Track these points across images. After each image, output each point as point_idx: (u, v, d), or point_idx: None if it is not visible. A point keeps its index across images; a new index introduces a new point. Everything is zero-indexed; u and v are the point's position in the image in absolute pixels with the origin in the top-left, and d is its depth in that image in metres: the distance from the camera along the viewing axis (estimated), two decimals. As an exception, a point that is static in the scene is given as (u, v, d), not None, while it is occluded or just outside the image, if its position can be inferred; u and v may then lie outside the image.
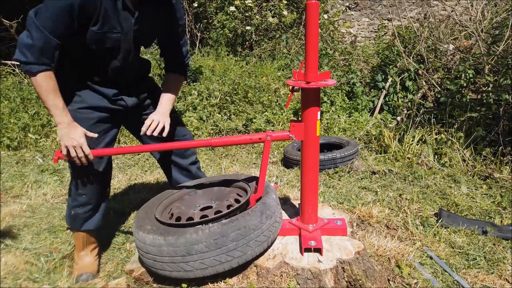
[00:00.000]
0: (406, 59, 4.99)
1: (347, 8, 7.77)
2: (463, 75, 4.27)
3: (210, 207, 1.97)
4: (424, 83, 4.87)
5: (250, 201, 1.74)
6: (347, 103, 4.97)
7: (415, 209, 2.62)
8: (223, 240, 1.55)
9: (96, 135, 1.80)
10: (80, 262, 2.02)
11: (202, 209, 1.96)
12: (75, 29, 1.61)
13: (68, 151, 1.72)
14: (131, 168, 3.63)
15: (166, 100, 1.95)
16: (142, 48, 1.99)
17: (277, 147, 4.18)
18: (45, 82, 1.62)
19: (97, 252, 2.09)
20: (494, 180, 3.08)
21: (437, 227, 2.36)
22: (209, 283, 1.69)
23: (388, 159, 3.69)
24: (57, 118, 1.67)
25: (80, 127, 1.73)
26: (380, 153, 3.82)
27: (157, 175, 3.41)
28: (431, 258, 2.07)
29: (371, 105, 5.07)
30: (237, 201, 1.82)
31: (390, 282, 1.83)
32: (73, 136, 1.69)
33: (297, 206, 2.16)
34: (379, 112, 4.93)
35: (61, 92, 1.68)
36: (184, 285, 1.68)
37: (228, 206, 1.77)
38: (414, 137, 3.76)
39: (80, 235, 2.02)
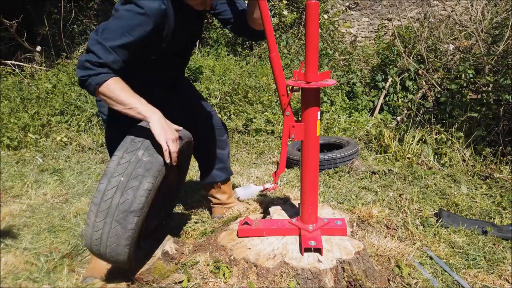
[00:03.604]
0: (406, 59, 4.99)
1: (347, 8, 7.77)
2: (463, 75, 4.27)
3: None
4: (424, 83, 4.87)
5: (273, 176, 1.81)
6: (347, 103, 4.97)
7: (415, 209, 2.62)
8: None
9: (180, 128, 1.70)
10: (93, 262, 2.03)
11: None
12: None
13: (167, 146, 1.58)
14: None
15: None
16: None
17: (277, 147, 4.18)
18: (118, 84, 1.52)
19: None
20: (494, 180, 3.08)
21: (437, 227, 2.36)
22: (209, 283, 1.69)
23: (388, 159, 3.69)
24: (148, 112, 1.54)
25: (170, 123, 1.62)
26: (380, 153, 3.82)
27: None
28: (431, 258, 2.07)
29: (371, 105, 5.06)
30: None
31: (390, 282, 1.83)
32: (170, 130, 1.57)
33: (297, 206, 2.16)
34: (379, 112, 4.93)
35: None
36: (184, 284, 1.68)
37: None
38: (414, 137, 3.76)
39: None
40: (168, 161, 1.56)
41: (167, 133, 1.54)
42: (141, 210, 1.51)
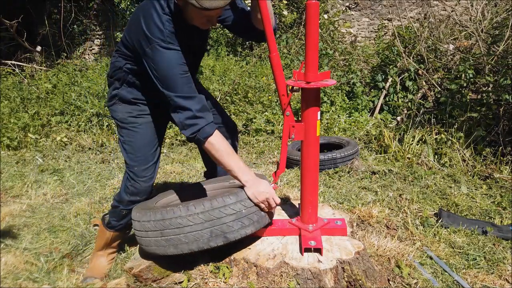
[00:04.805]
0: (406, 59, 4.99)
1: (347, 8, 7.77)
2: (463, 75, 4.27)
3: None
4: (424, 83, 4.88)
5: (273, 176, 1.82)
6: (347, 103, 4.97)
7: (415, 209, 2.62)
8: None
9: (277, 186, 1.83)
10: (94, 262, 2.04)
11: None
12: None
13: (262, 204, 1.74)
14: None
15: None
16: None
17: (277, 147, 4.18)
18: (222, 141, 1.69)
19: (113, 257, 2.10)
20: (494, 180, 3.08)
21: (437, 227, 2.36)
22: (209, 283, 1.69)
23: (388, 159, 3.69)
24: (244, 177, 1.69)
25: (263, 179, 1.75)
26: (380, 153, 3.82)
27: (157, 175, 3.40)
28: (431, 258, 2.07)
29: (371, 105, 5.06)
30: None
31: (390, 282, 1.83)
32: (264, 189, 1.70)
33: (297, 206, 2.16)
34: (379, 112, 4.93)
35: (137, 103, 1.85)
36: (184, 285, 1.68)
37: None
38: (414, 137, 3.76)
39: (107, 235, 2.02)
40: (266, 211, 1.75)
41: (259, 196, 1.68)
42: (229, 241, 1.64)
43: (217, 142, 1.67)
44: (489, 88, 3.98)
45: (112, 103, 1.89)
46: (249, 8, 1.87)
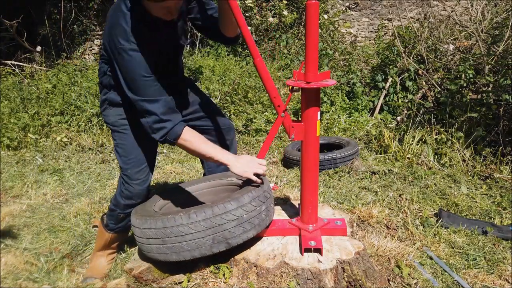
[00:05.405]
0: (406, 59, 4.99)
1: (347, 8, 7.77)
2: (463, 75, 4.27)
3: None
4: (424, 83, 4.87)
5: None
6: (347, 103, 4.97)
7: (415, 209, 2.62)
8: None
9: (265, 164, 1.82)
10: (93, 262, 2.04)
11: None
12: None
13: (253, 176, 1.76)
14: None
15: None
16: None
17: (277, 147, 4.18)
18: (193, 135, 1.69)
19: (113, 257, 2.10)
20: (494, 180, 3.08)
21: (437, 227, 2.36)
22: (209, 283, 1.69)
23: (388, 159, 3.69)
24: (224, 158, 1.72)
25: (245, 154, 1.75)
26: (380, 153, 3.82)
27: (157, 175, 3.41)
28: (431, 258, 2.07)
29: (371, 105, 5.06)
30: None
31: (390, 282, 1.83)
32: (245, 161, 1.75)
33: (297, 206, 2.16)
34: (379, 112, 4.93)
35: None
36: (184, 285, 1.68)
37: None
38: (414, 137, 3.76)
39: (106, 236, 2.02)
40: (259, 182, 1.76)
41: (249, 168, 1.73)
42: (232, 246, 1.65)
43: (188, 137, 1.68)
44: (489, 88, 3.98)
45: (103, 108, 1.89)
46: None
